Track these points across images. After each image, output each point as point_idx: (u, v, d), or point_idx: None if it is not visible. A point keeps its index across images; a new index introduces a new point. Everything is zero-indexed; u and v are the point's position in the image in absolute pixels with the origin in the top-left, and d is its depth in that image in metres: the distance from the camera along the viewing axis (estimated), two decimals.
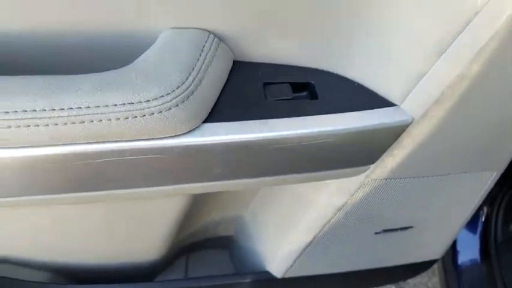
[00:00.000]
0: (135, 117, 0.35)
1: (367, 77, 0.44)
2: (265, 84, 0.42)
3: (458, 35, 0.35)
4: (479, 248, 0.92)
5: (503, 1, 0.32)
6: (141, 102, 0.35)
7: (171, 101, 0.35)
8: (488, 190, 0.60)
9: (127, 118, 0.35)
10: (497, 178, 0.58)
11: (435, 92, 0.39)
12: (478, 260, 0.93)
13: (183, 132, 0.38)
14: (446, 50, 0.37)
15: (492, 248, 0.90)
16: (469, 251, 0.94)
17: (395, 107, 0.43)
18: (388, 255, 0.72)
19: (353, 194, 0.52)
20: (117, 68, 0.38)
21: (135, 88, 0.35)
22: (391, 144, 0.45)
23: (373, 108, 0.43)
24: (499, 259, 0.88)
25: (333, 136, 0.42)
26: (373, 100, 0.43)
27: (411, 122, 0.43)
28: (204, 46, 0.39)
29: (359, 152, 0.46)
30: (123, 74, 0.36)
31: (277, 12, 0.39)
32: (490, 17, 0.33)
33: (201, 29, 0.40)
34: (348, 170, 0.48)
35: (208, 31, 0.40)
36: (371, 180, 0.50)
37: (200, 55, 0.38)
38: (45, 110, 0.33)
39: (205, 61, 0.38)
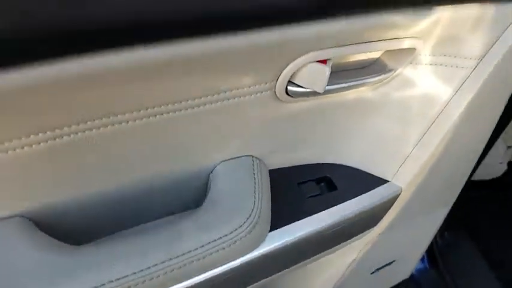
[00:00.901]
0: (229, 245, 0.43)
1: (364, 163, 0.58)
2: (299, 184, 0.54)
3: (425, 132, 0.51)
4: (426, 255, 1.12)
5: (455, 110, 0.49)
6: (231, 232, 0.43)
7: (249, 225, 0.44)
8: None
9: (227, 247, 0.42)
10: None
11: (416, 169, 0.55)
12: (427, 265, 1.12)
13: (258, 246, 0.47)
14: (418, 142, 0.53)
15: (437, 253, 1.10)
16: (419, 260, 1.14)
17: (389, 182, 0.58)
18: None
19: (361, 250, 0.65)
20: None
21: (224, 222, 0.43)
22: (389, 209, 0.60)
23: (374, 187, 0.57)
24: (444, 261, 1.09)
25: (353, 216, 0.54)
26: (373, 180, 0.58)
27: (401, 191, 0.58)
28: (254, 170, 0.49)
29: (368, 221, 0.59)
30: (211, 212, 0.44)
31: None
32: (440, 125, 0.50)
33: (249, 155, 0.50)
34: (360, 235, 0.61)
35: (251, 156, 0.50)
36: (373, 237, 0.64)
37: (255, 179, 0.48)
38: (170, 258, 0.39)
39: (259, 183, 0.48)
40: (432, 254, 1.10)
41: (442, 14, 0.42)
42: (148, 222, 0.49)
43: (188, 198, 0.50)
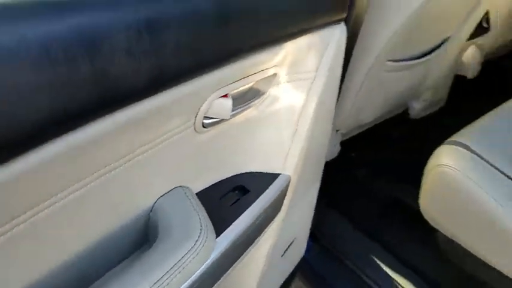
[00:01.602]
0: (189, 262, 0.51)
1: (262, 165, 0.73)
2: (220, 198, 0.65)
3: (294, 132, 0.70)
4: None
5: (309, 110, 0.69)
6: (189, 251, 0.51)
7: (201, 243, 0.52)
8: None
9: (188, 264, 0.51)
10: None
11: (295, 159, 0.73)
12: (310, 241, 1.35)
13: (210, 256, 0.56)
14: (292, 140, 0.71)
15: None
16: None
17: (281, 174, 0.74)
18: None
19: (272, 236, 0.80)
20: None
21: (179, 247, 0.51)
22: (285, 195, 0.76)
23: (272, 182, 0.72)
24: (321, 234, 1.33)
25: (265, 209, 0.69)
26: (270, 177, 0.73)
27: (290, 178, 0.75)
28: (188, 197, 0.58)
29: (275, 209, 0.74)
30: (166, 241, 0.51)
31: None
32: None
33: (179, 186, 0.59)
34: (271, 223, 0.76)
35: (181, 186, 0.59)
36: (279, 223, 0.80)
37: (192, 205, 0.57)
38: None
39: (196, 207, 0.57)
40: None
41: (288, 46, 0.60)
42: (102, 271, 0.53)
43: (137, 238, 0.56)
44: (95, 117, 0.38)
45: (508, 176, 0.90)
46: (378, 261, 1.18)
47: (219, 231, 0.60)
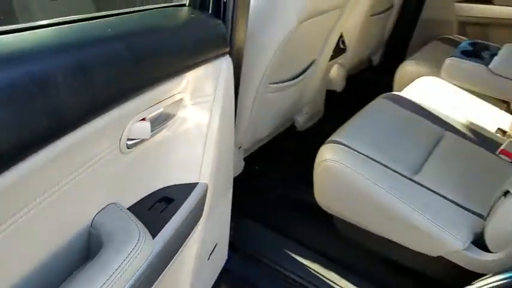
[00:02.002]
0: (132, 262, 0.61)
1: (182, 177, 0.84)
2: (149, 208, 0.75)
3: (204, 144, 0.84)
4: None
5: (213, 127, 0.84)
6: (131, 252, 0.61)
7: (139, 247, 0.63)
8: None
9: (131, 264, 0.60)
10: None
11: (208, 168, 0.87)
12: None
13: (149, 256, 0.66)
14: (203, 151, 0.85)
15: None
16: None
17: (198, 183, 0.87)
18: None
19: (197, 240, 0.92)
20: None
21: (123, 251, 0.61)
22: (205, 201, 0.89)
23: (192, 191, 0.85)
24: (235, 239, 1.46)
25: (188, 214, 0.80)
26: (190, 186, 0.85)
27: (207, 186, 0.88)
28: (122, 212, 0.67)
29: (197, 214, 0.86)
30: (110, 251, 0.60)
31: None
32: None
33: (112, 203, 0.68)
34: (195, 228, 0.87)
35: (113, 203, 0.68)
36: (202, 227, 0.92)
37: (129, 217, 0.66)
38: None
39: (131, 218, 0.67)
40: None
41: (189, 75, 0.75)
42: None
43: (82, 255, 0.63)
44: (38, 148, 0.47)
45: (375, 160, 1.16)
46: (292, 254, 1.35)
47: (153, 235, 0.70)
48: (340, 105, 1.96)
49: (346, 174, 1.14)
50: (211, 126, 0.84)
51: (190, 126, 0.82)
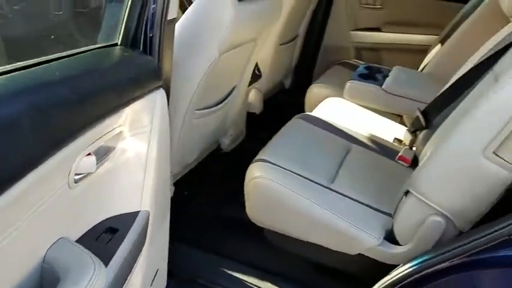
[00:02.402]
0: None
1: (124, 205, 0.88)
2: (96, 238, 0.77)
3: (145, 170, 0.89)
4: None
5: (152, 155, 0.90)
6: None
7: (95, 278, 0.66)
8: None
9: None
10: None
11: (148, 196, 0.91)
12: None
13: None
14: (144, 179, 0.90)
15: None
16: None
17: (140, 211, 0.90)
18: None
19: (141, 267, 0.94)
20: None
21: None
22: (147, 228, 0.93)
23: (135, 218, 0.88)
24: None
25: (133, 242, 0.84)
26: (133, 214, 0.88)
27: (149, 213, 0.92)
28: (73, 245, 0.69)
29: (142, 240, 0.90)
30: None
31: None
32: None
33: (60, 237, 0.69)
34: (139, 255, 0.90)
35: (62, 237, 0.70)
36: (145, 254, 0.95)
37: (81, 250, 0.68)
38: None
39: (84, 251, 0.69)
40: None
41: (127, 110, 0.80)
42: None
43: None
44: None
45: (297, 174, 1.29)
46: (227, 271, 1.42)
47: (106, 265, 0.73)
48: (260, 126, 2.11)
49: (274, 189, 1.25)
50: (150, 155, 0.89)
51: (130, 156, 0.86)
